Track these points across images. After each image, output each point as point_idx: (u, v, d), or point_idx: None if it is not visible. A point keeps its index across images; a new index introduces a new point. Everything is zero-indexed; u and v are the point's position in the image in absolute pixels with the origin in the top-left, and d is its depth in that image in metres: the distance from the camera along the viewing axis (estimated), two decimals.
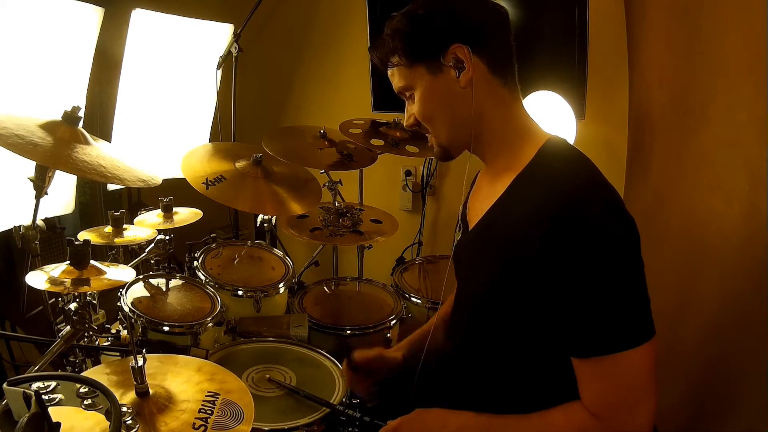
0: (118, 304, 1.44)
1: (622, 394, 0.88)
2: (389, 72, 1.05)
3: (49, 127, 1.21)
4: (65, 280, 1.10)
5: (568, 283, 0.86)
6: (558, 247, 0.85)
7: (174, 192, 1.79)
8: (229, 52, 2.39)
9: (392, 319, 1.74)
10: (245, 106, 2.64)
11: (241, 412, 0.90)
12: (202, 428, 0.84)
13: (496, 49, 0.99)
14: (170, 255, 1.72)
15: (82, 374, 0.91)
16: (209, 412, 0.88)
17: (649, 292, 0.88)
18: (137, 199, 2.59)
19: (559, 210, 0.87)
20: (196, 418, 0.86)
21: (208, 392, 0.92)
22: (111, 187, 2.35)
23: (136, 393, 0.87)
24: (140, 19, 2.09)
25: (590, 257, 0.85)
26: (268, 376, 1.31)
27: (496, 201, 1.00)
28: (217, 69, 2.45)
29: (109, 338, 1.34)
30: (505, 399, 1.00)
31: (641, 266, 0.89)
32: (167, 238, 1.69)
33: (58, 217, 2.11)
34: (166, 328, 1.41)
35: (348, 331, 1.66)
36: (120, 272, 1.20)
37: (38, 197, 1.25)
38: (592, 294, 0.85)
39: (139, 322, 1.39)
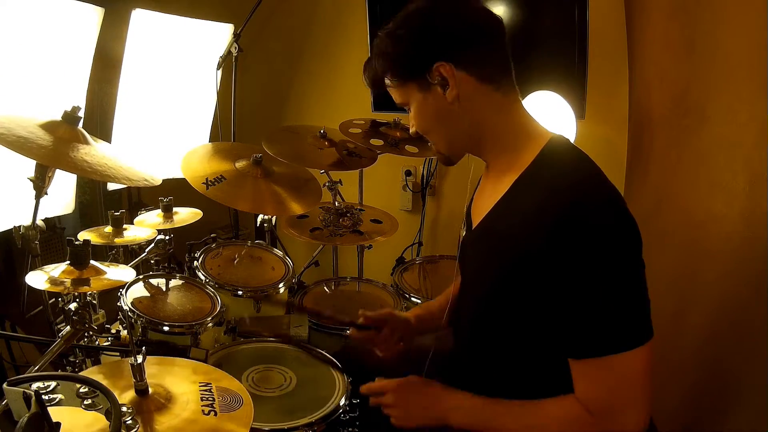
0: (118, 304, 1.44)
1: (615, 396, 0.88)
2: (387, 88, 1.07)
3: (49, 127, 1.21)
4: (65, 280, 1.10)
5: (568, 283, 0.86)
6: (559, 246, 0.86)
7: (174, 192, 1.79)
8: (229, 52, 2.39)
9: None
10: (245, 106, 2.64)
11: (239, 397, 0.91)
12: (212, 413, 0.85)
13: (483, 57, 0.99)
14: (170, 255, 1.72)
15: (81, 374, 0.91)
16: (211, 399, 0.89)
17: (648, 293, 0.88)
18: (137, 199, 2.59)
19: (561, 209, 0.87)
20: (203, 406, 0.87)
21: (201, 383, 0.93)
22: (111, 187, 2.35)
23: (136, 391, 0.86)
24: (140, 19, 2.09)
25: (590, 257, 0.85)
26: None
27: (500, 200, 1.01)
28: (217, 69, 2.45)
29: (109, 338, 1.34)
30: (505, 395, 1.00)
31: (641, 267, 0.89)
32: (167, 238, 1.69)
33: (58, 217, 2.11)
34: (166, 328, 1.40)
35: (348, 331, 1.66)
36: (120, 272, 1.20)
37: (38, 197, 1.25)
38: (590, 294, 0.86)
39: (139, 322, 1.39)
